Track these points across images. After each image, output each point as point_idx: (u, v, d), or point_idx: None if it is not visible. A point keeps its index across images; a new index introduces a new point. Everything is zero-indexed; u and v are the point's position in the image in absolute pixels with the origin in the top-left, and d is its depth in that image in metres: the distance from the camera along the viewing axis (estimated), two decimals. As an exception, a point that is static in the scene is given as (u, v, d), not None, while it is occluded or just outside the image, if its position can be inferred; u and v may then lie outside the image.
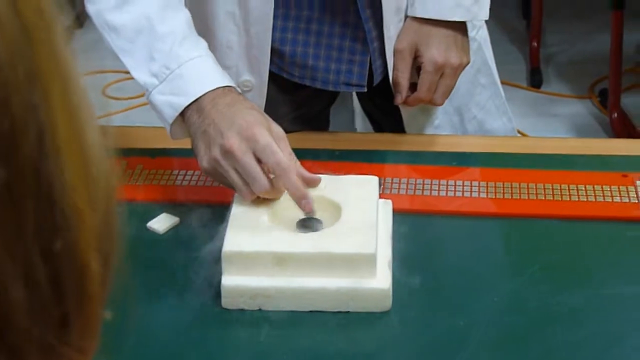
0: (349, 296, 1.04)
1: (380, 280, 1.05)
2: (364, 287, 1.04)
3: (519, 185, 1.30)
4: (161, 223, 1.22)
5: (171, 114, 1.18)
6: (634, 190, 1.29)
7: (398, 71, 1.36)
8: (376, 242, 1.07)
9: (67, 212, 0.38)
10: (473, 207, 1.26)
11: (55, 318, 0.39)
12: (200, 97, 1.16)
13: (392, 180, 1.31)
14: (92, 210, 0.40)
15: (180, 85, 1.18)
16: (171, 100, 1.18)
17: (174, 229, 1.21)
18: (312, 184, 1.13)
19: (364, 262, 1.04)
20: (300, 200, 1.10)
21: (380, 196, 1.19)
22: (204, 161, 1.13)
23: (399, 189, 1.29)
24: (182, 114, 1.18)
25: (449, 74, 1.34)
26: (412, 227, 1.20)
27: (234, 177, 1.10)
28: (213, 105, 1.15)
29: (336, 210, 1.12)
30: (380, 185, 1.21)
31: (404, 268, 1.12)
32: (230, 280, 1.05)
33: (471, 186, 1.30)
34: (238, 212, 1.12)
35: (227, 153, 1.09)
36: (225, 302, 1.06)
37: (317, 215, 1.12)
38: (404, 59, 1.35)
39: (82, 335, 0.41)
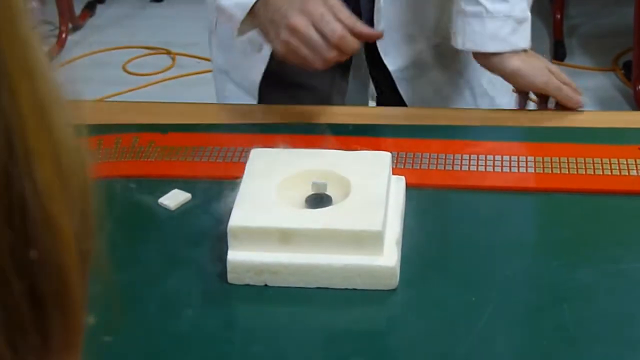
0: (356, 273, 1.03)
1: (387, 257, 1.04)
2: (370, 264, 1.03)
3: (534, 159, 1.28)
4: (173, 199, 1.22)
5: (240, 14, 1.30)
6: (650, 163, 1.26)
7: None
8: (384, 219, 1.06)
9: (42, 220, 0.36)
10: (488, 181, 1.24)
11: (35, 340, 0.37)
12: None
13: (406, 155, 1.29)
14: (68, 214, 0.38)
15: None
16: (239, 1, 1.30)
17: (185, 205, 1.21)
18: (372, 38, 1.28)
19: (371, 239, 1.03)
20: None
21: (394, 172, 1.18)
22: (277, 46, 1.24)
23: (412, 163, 1.28)
24: (251, 11, 1.29)
25: (555, 73, 1.39)
26: (426, 202, 1.19)
27: (306, 51, 1.21)
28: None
29: (346, 186, 1.11)
30: (393, 160, 1.20)
31: (414, 245, 1.11)
32: (236, 255, 1.05)
33: (486, 160, 1.28)
34: (247, 187, 1.11)
35: (293, 31, 1.20)
36: (232, 277, 1.05)
37: (327, 192, 1.11)
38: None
39: (65, 349, 0.39)
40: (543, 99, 1.42)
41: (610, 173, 1.24)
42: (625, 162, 1.26)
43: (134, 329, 1.00)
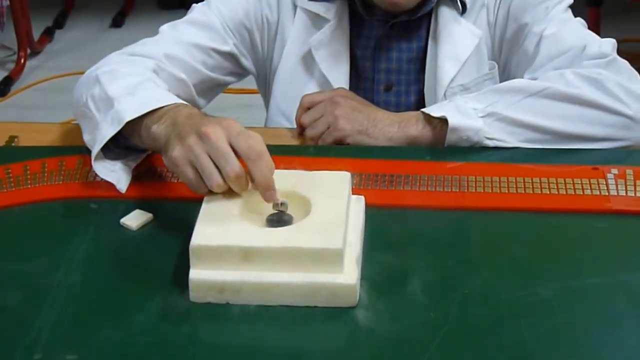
0: (316, 291, 1.04)
1: (347, 275, 1.05)
2: (330, 282, 1.04)
3: (491, 179, 1.30)
4: (135, 219, 1.22)
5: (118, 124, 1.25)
6: (604, 183, 1.28)
7: None
8: (344, 237, 1.07)
9: None
10: (446, 201, 1.26)
11: None
12: (161, 107, 1.24)
13: (366, 175, 1.31)
14: None
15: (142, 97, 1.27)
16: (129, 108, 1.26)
17: (147, 225, 1.21)
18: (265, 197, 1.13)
19: (331, 257, 1.04)
20: (266, 191, 1.11)
21: (354, 192, 1.19)
22: (175, 150, 1.14)
23: (372, 183, 1.30)
24: (135, 126, 1.24)
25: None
26: (385, 221, 1.21)
27: (204, 161, 1.11)
28: (176, 113, 1.22)
29: (306, 206, 1.12)
30: (353, 180, 1.21)
31: (374, 263, 1.12)
32: (198, 274, 1.05)
33: (444, 180, 1.30)
34: (209, 206, 1.11)
35: (203, 136, 1.11)
36: (194, 295, 1.05)
37: (288, 212, 1.12)
38: None
39: None
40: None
41: (565, 192, 1.27)
42: (579, 182, 1.28)
43: (96, 348, 1.00)
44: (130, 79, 1.32)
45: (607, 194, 1.26)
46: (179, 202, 1.24)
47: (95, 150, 1.27)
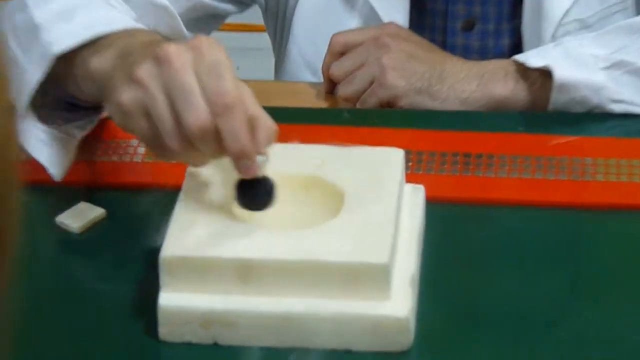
0: (349, 327, 1.04)
1: (397, 303, 1.05)
2: (371, 314, 1.04)
3: (617, 161, 1.31)
4: (77, 217, 1.23)
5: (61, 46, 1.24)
6: None
7: None
8: (393, 247, 1.07)
9: None
10: (548, 194, 1.27)
11: None
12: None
13: (427, 154, 1.33)
14: None
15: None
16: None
17: (95, 226, 1.23)
18: (266, 136, 1.08)
19: (373, 276, 1.04)
20: (240, 159, 1.07)
21: (408, 178, 1.20)
22: (122, 92, 1.10)
23: (437, 167, 1.31)
24: (71, 65, 1.23)
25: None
26: (455, 223, 1.23)
27: (159, 103, 1.08)
28: (129, 41, 1.20)
29: (337, 198, 1.12)
30: (407, 162, 1.22)
31: (437, 286, 1.13)
32: (171, 299, 1.06)
33: (546, 163, 1.31)
34: (189, 198, 1.12)
35: (161, 62, 1.08)
36: (165, 331, 1.06)
37: (312, 206, 1.13)
38: None
39: None
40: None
41: None
42: None
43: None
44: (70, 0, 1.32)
45: None
46: (143, 191, 1.26)
47: (21, 107, 1.25)
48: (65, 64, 1.23)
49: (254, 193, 1.09)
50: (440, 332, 1.08)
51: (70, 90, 1.27)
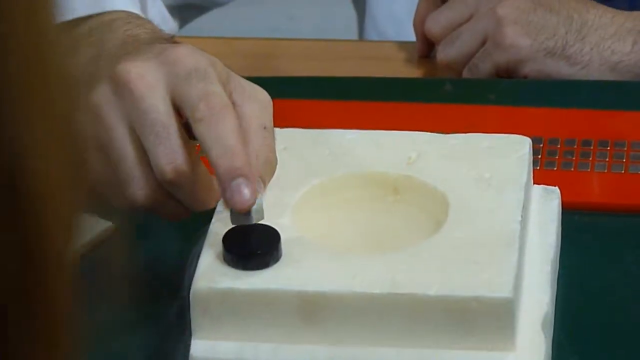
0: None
1: (525, 353, 1.05)
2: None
3: None
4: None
5: None
6: None
7: None
8: (518, 275, 1.07)
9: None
10: None
11: None
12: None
13: (564, 143, 1.35)
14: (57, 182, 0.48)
15: None
16: None
17: (101, 242, 1.24)
18: (265, 162, 1.12)
19: (491, 316, 1.04)
20: (231, 178, 1.08)
21: (537, 177, 1.21)
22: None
23: (577, 161, 1.33)
24: None
25: None
26: (602, 238, 1.26)
27: (120, 140, 1.11)
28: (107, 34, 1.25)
29: (438, 206, 1.13)
30: (537, 154, 1.28)
31: (578, 327, 1.15)
32: (206, 348, 1.07)
33: None
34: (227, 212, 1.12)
35: (120, 86, 1.12)
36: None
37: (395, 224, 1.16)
38: None
39: None
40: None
41: None
42: None
43: None
44: None
45: None
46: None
47: None
48: None
49: (251, 244, 1.10)
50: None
51: None
